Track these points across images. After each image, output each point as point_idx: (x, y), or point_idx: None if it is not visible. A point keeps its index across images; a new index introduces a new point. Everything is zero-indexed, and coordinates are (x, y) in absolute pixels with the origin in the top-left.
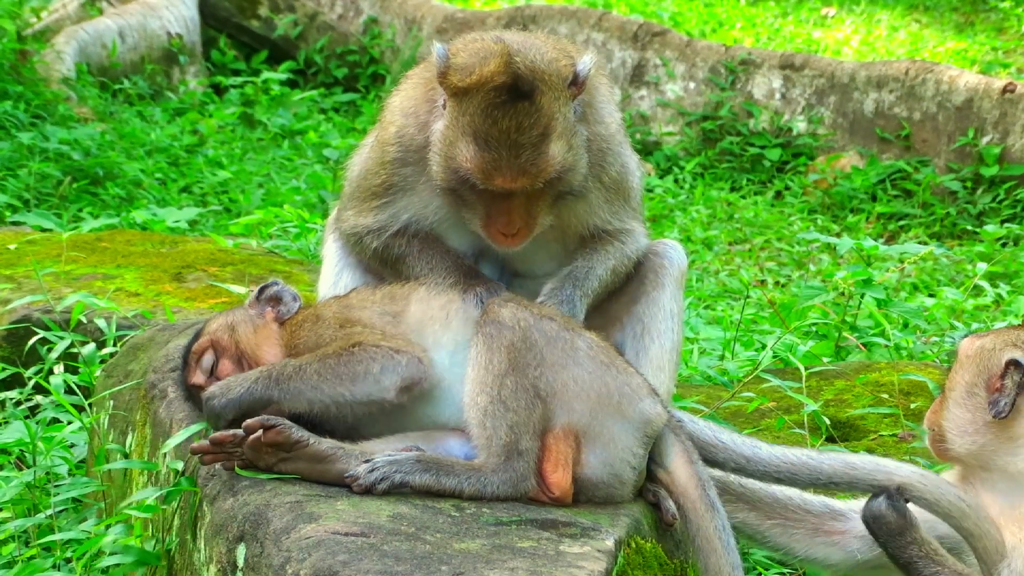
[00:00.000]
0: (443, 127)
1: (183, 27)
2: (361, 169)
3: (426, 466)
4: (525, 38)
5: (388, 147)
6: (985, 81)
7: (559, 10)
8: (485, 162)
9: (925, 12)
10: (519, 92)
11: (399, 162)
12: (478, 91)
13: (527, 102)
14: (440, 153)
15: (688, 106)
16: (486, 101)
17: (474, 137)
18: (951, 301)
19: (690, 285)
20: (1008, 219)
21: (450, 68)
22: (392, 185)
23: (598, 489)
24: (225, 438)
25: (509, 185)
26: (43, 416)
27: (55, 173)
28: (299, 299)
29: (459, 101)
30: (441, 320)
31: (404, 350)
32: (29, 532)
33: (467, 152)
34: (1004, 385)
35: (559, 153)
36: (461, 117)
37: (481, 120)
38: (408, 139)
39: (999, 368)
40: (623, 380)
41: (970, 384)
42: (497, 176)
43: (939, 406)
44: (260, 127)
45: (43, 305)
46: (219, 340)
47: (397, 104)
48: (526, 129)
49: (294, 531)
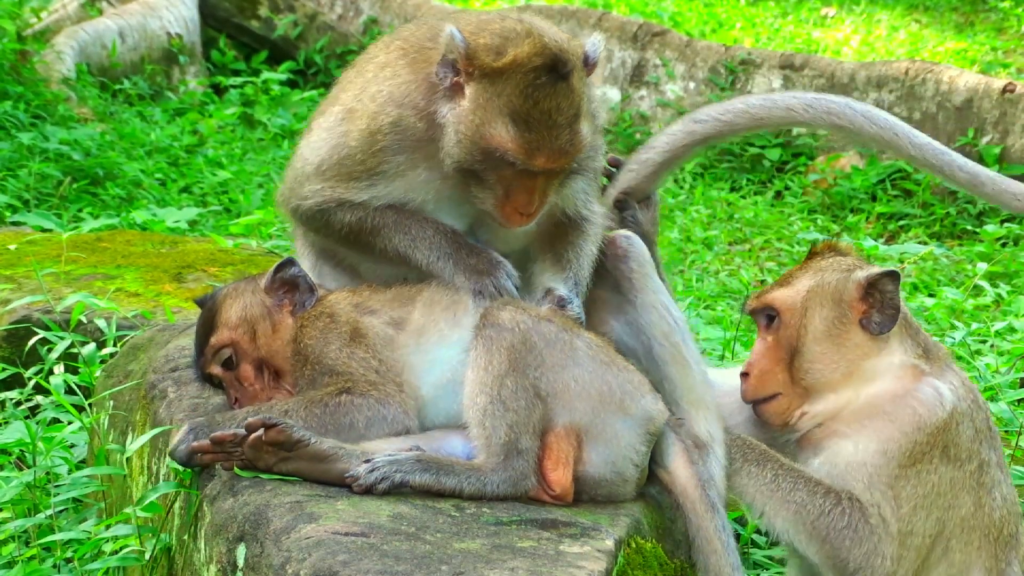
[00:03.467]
0: (467, 109)
1: (183, 27)
2: (335, 151)
3: (426, 466)
4: (532, 18)
5: (380, 135)
6: (985, 81)
7: (559, 10)
8: (528, 142)
9: (925, 12)
10: (558, 73)
11: (392, 150)
12: (515, 72)
13: (565, 83)
14: (464, 134)
15: (688, 106)
16: (525, 82)
17: (512, 118)
18: (951, 301)
19: (690, 285)
20: (1008, 219)
21: (477, 49)
22: (379, 172)
23: (601, 487)
24: (225, 437)
25: (550, 165)
26: (43, 416)
27: (55, 173)
28: (316, 291)
29: (491, 82)
30: (447, 319)
31: (391, 400)
32: (29, 532)
33: (506, 132)
34: (871, 303)
35: (588, 133)
36: (495, 98)
37: (521, 101)
38: (406, 127)
39: (858, 291)
40: (624, 378)
41: (829, 319)
42: (539, 156)
43: (773, 364)
44: (260, 127)
45: (43, 305)
46: (239, 342)
47: (387, 93)
48: (564, 110)
49: (294, 531)
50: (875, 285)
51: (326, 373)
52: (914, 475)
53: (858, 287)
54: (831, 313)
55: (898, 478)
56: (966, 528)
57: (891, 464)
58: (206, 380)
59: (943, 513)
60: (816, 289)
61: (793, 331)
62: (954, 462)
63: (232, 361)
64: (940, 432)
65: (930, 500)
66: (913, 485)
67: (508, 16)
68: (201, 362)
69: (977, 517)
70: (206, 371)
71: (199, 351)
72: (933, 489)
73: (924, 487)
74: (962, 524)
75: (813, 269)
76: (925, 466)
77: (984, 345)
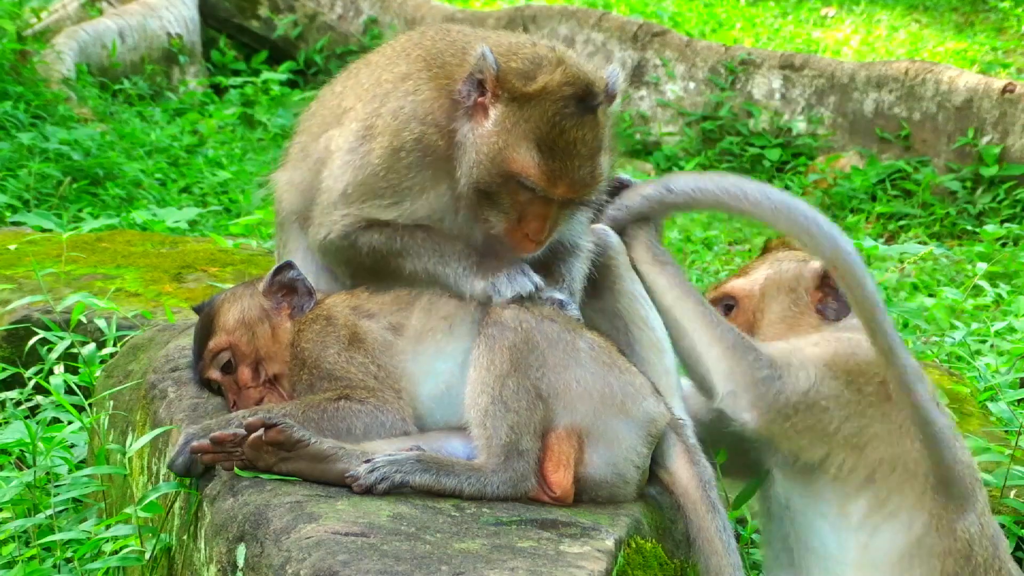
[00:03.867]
0: (490, 131)
1: (183, 27)
2: (359, 171)
3: (426, 466)
4: (563, 48)
5: (404, 152)
6: (985, 81)
7: (559, 10)
8: (551, 170)
9: (925, 12)
10: (587, 105)
11: (415, 167)
12: (544, 99)
13: (592, 115)
14: (487, 155)
15: (688, 106)
16: (554, 110)
17: (537, 144)
18: (951, 301)
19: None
20: (1008, 219)
21: (508, 73)
22: (404, 188)
23: (602, 488)
24: (226, 437)
25: (569, 194)
26: (43, 416)
27: (55, 173)
28: (314, 294)
29: (519, 106)
30: (443, 330)
31: (389, 407)
32: (29, 532)
33: (529, 158)
34: (827, 291)
35: (606, 166)
36: (521, 123)
37: (548, 128)
38: (429, 145)
39: (814, 280)
40: (626, 380)
41: (786, 305)
42: (560, 185)
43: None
44: (260, 127)
45: (43, 305)
46: (238, 346)
47: (410, 110)
48: (589, 141)
49: (294, 531)
50: (831, 274)
51: (324, 378)
52: (844, 382)
53: (815, 276)
54: (787, 299)
55: (826, 376)
56: (898, 467)
57: (823, 362)
58: (205, 385)
59: (860, 431)
60: (774, 277)
61: (750, 316)
62: (886, 402)
63: (231, 365)
64: (869, 366)
65: (851, 408)
66: (840, 386)
67: (539, 43)
68: (200, 367)
69: (918, 463)
70: (205, 376)
71: (197, 356)
72: (858, 403)
73: (851, 394)
74: (893, 462)
75: (769, 260)
76: (854, 383)
77: (984, 345)
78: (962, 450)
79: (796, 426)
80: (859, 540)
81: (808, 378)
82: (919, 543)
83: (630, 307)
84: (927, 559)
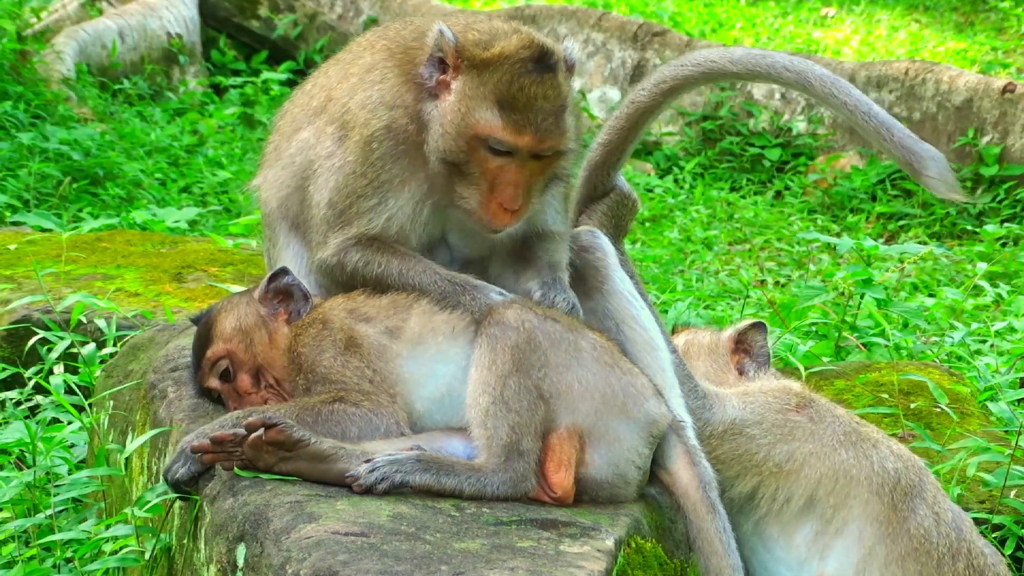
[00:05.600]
0: (453, 101)
1: (183, 27)
2: (339, 173)
3: (426, 466)
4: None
5: (375, 143)
6: (985, 81)
7: (559, 10)
8: (514, 122)
9: (925, 12)
10: (545, 64)
11: (390, 157)
12: (503, 62)
13: (551, 74)
14: (450, 124)
15: (688, 106)
16: (513, 71)
17: (499, 103)
18: (951, 301)
19: (689, 285)
20: (1008, 219)
21: (466, 43)
22: (384, 183)
23: (602, 489)
24: (225, 437)
25: (536, 145)
26: (43, 416)
27: (55, 173)
28: (310, 299)
29: (478, 73)
30: (445, 333)
31: (384, 411)
32: (29, 532)
33: (492, 116)
34: (742, 354)
35: (571, 127)
36: (481, 87)
37: (507, 87)
38: (400, 130)
39: (729, 345)
40: (628, 380)
41: (711, 372)
42: (525, 135)
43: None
44: (260, 127)
45: (43, 305)
46: (235, 353)
47: (377, 98)
48: (551, 98)
49: (294, 531)
50: (744, 337)
51: (320, 381)
52: (766, 407)
53: (730, 339)
54: (708, 359)
55: (749, 404)
56: (840, 478)
57: (746, 393)
58: (204, 394)
59: (791, 455)
60: (693, 341)
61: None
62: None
63: (229, 373)
64: (791, 391)
65: (776, 432)
66: (762, 411)
67: (496, 17)
68: (199, 376)
69: (858, 468)
70: (204, 385)
71: (196, 366)
72: (784, 424)
73: (774, 416)
74: (833, 475)
75: (684, 333)
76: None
77: (984, 345)
78: (897, 444)
79: (721, 458)
80: (811, 570)
81: (735, 408)
82: (872, 554)
83: (621, 307)
84: (885, 569)
